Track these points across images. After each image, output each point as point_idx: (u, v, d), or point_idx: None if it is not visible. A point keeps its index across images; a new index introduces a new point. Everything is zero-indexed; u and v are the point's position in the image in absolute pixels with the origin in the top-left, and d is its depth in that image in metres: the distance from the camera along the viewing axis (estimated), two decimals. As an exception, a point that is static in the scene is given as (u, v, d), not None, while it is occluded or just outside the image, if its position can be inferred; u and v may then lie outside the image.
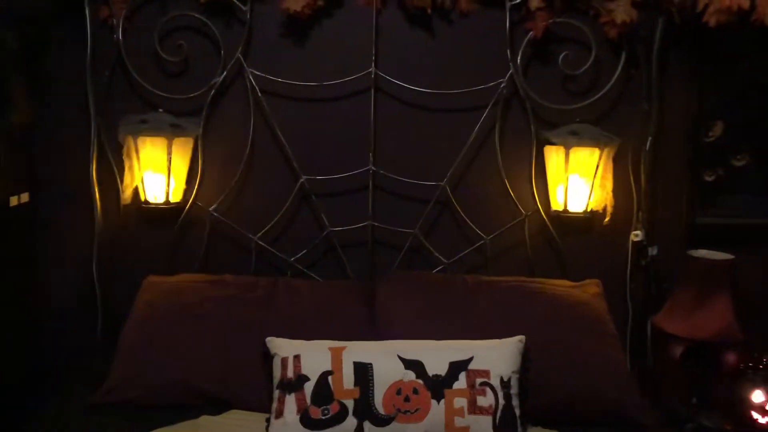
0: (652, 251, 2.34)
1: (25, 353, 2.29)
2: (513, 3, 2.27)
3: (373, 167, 2.33)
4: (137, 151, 2.28)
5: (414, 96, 2.33)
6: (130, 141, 2.28)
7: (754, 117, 2.39)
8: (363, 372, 1.74)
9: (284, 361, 1.78)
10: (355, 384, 1.73)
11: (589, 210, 2.35)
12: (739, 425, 2.23)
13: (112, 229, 2.34)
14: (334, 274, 2.38)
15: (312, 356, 1.78)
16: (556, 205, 2.37)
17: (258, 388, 1.87)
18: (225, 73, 2.29)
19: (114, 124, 2.31)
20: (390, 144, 2.35)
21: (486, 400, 1.72)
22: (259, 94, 2.30)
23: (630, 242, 2.37)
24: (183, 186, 2.34)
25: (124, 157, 2.30)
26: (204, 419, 1.83)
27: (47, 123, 2.33)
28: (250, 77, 2.29)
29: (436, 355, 1.78)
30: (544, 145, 2.37)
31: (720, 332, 2.22)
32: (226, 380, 1.90)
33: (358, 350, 1.79)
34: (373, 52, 2.29)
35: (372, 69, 2.29)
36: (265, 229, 2.35)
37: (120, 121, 2.31)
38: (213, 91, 2.30)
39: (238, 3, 2.26)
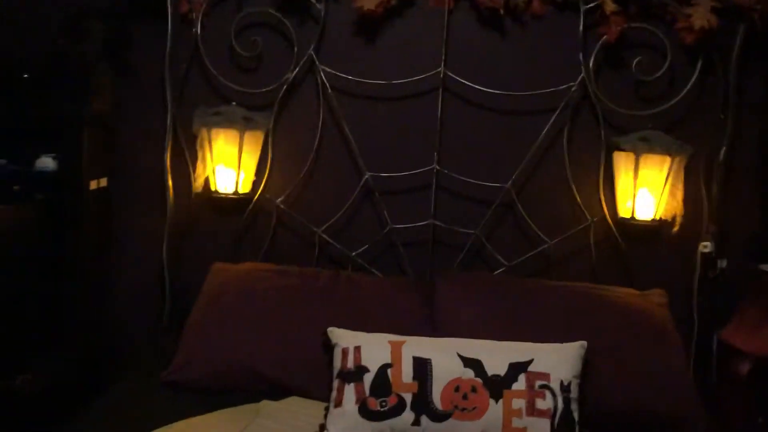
0: (722, 263, 2.28)
1: (99, 330, 2.39)
2: (587, 6, 2.25)
3: (437, 166, 2.34)
4: (210, 142, 2.35)
5: (482, 97, 2.33)
6: (204, 132, 2.36)
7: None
8: (422, 367, 1.75)
9: (345, 351, 1.81)
10: (414, 378, 1.74)
11: (657, 218, 2.30)
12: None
13: (183, 216, 2.41)
14: (393, 271, 2.40)
15: (372, 348, 1.80)
16: (624, 212, 2.34)
17: (318, 376, 1.90)
18: (297, 69, 2.34)
19: (189, 116, 2.39)
20: (455, 144, 2.36)
21: (545, 403, 1.71)
22: (330, 91, 2.34)
23: (698, 254, 2.31)
24: (252, 178, 2.40)
25: (198, 148, 2.38)
26: (264, 404, 1.87)
27: (127, 112, 2.42)
28: (322, 74, 2.34)
29: (496, 355, 1.78)
30: (613, 151, 2.34)
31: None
32: (288, 367, 1.94)
33: (417, 345, 1.81)
34: (443, 51, 2.31)
35: (441, 69, 2.30)
36: (329, 222, 2.38)
37: (194, 113, 2.39)
38: (285, 87, 2.35)
39: (312, 0, 2.31)
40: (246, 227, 2.42)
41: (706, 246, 2.26)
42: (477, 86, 2.31)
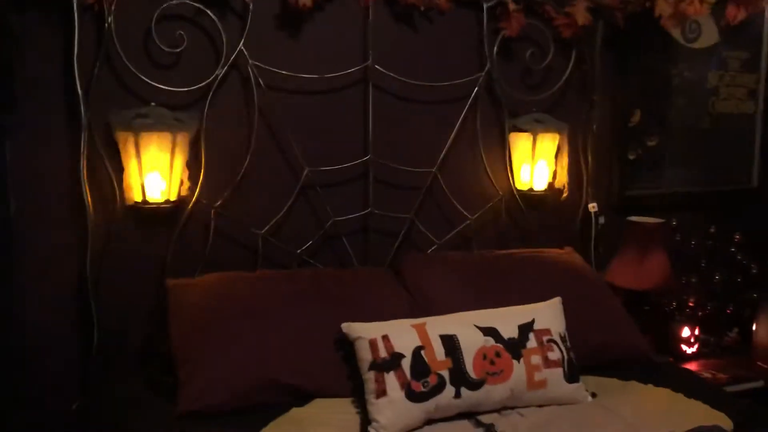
0: (601, 220, 2.76)
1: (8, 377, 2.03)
2: (489, 4, 2.51)
3: (372, 156, 2.43)
4: (138, 147, 2.13)
5: (402, 88, 2.47)
6: (128, 137, 2.12)
7: (662, 105, 2.92)
8: (451, 343, 1.88)
9: (373, 342, 1.85)
10: (446, 355, 1.86)
11: (549, 188, 2.69)
12: (673, 355, 2.74)
13: (103, 232, 2.15)
14: (335, 263, 2.44)
15: (400, 334, 1.87)
16: (521, 184, 2.68)
17: (333, 374, 1.92)
18: (227, 65, 2.23)
19: (100, 120, 2.13)
20: (383, 134, 2.46)
21: (554, 354, 1.96)
22: (262, 86, 2.27)
23: (581, 212, 2.76)
24: (182, 184, 2.23)
25: (123, 154, 2.14)
26: (295, 412, 1.83)
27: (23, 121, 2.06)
28: (253, 69, 2.26)
29: (505, 320, 1.98)
30: (510, 132, 2.65)
31: (659, 283, 2.71)
32: (306, 371, 1.90)
33: (438, 324, 1.93)
34: (367, 45, 2.39)
35: (369, 62, 2.38)
36: (272, 222, 2.33)
37: (111, 116, 2.13)
38: (215, 84, 2.22)
39: (240, -7, 2.22)
40: (179, 237, 2.25)
41: (594, 206, 2.71)
42: (401, 78, 2.44)
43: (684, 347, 2.78)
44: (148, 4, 2.14)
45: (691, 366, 2.67)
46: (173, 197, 2.20)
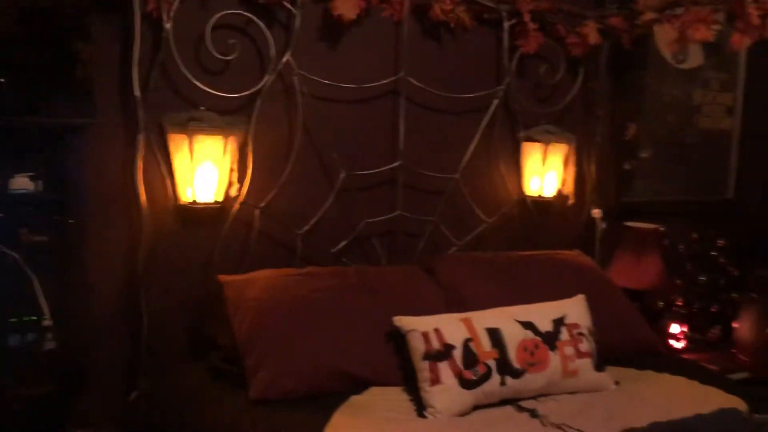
0: (602, 225, 2.98)
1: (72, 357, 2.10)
2: (510, 23, 2.70)
3: (401, 162, 2.58)
4: (191, 150, 2.22)
5: (430, 98, 2.63)
6: (183, 139, 2.22)
7: (654, 121, 3.18)
8: (496, 336, 2.05)
9: (425, 335, 2.01)
10: (492, 346, 2.04)
11: (558, 195, 2.90)
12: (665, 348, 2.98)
13: (156, 229, 2.24)
14: (366, 262, 2.58)
15: (450, 327, 2.03)
16: (532, 191, 2.88)
17: (387, 364, 2.06)
18: (275, 73, 2.35)
19: (154, 122, 2.22)
20: (411, 141, 2.62)
21: (585, 346, 2.16)
22: (305, 94, 2.40)
23: (584, 218, 2.99)
24: (231, 185, 2.33)
25: (175, 156, 2.23)
26: (355, 399, 1.96)
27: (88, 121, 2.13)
28: (297, 78, 2.38)
29: (540, 315, 2.16)
30: (522, 142, 2.85)
31: (653, 283, 2.95)
32: (364, 361, 2.04)
33: (483, 318, 2.10)
34: (401, 58, 2.55)
35: (402, 74, 2.54)
36: (311, 223, 2.46)
37: (165, 119, 2.23)
38: (263, 91, 2.34)
39: (288, 5, 2.34)
40: (226, 236, 2.35)
41: (598, 212, 2.94)
42: (429, 89, 2.60)
43: (673, 343, 3.04)
44: (203, 12, 2.25)
45: (682, 360, 2.92)
46: (221, 198, 2.31)
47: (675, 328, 3.04)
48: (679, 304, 3.09)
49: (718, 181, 3.43)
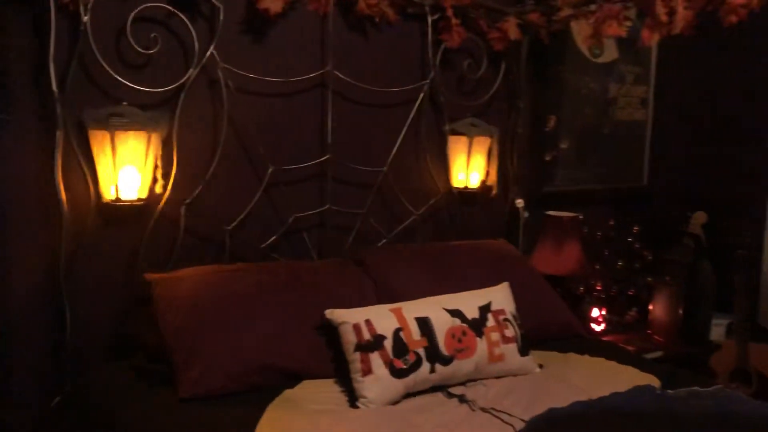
0: (525, 214, 3.08)
1: None
2: (434, 18, 2.75)
3: (329, 156, 2.60)
4: (114, 147, 2.17)
5: (357, 92, 2.66)
6: (104, 136, 2.17)
7: (572, 112, 3.30)
8: (425, 324, 2.10)
9: (356, 326, 2.04)
10: (422, 335, 2.09)
11: (481, 185, 2.98)
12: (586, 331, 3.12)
13: (81, 228, 2.19)
14: (295, 256, 2.59)
15: (380, 318, 2.07)
16: (458, 183, 2.95)
17: (319, 357, 2.09)
18: (199, 66, 2.32)
19: (73, 118, 2.16)
20: (340, 135, 2.63)
21: (510, 332, 2.24)
22: (230, 89, 2.38)
23: (508, 208, 3.08)
24: (153, 182, 2.29)
25: (97, 153, 2.18)
26: (288, 393, 1.97)
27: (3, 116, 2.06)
28: (222, 72, 2.36)
29: (467, 303, 2.23)
30: (448, 135, 2.92)
31: (574, 269, 3.08)
32: (294, 355, 2.05)
33: (412, 308, 2.14)
34: (327, 52, 2.56)
35: (329, 68, 2.55)
36: (240, 218, 2.45)
37: (84, 115, 2.17)
38: (187, 85, 2.30)
39: (212, -1, 2.31)
40: (152, 234, 2.31)
41: (520, 202, 3.03)
42: (356, 83, 2.62)
43: (594, 326, 3.18)
44: (123, 5, 2.20)
45: (602, 342, 3.06)
46: (145, 195, 2.27)
47: (595, 312, 3.19)
48: (598, 288, 3.23)
49: (634, 169, 3.59)
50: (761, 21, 2.48)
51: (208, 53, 2.32)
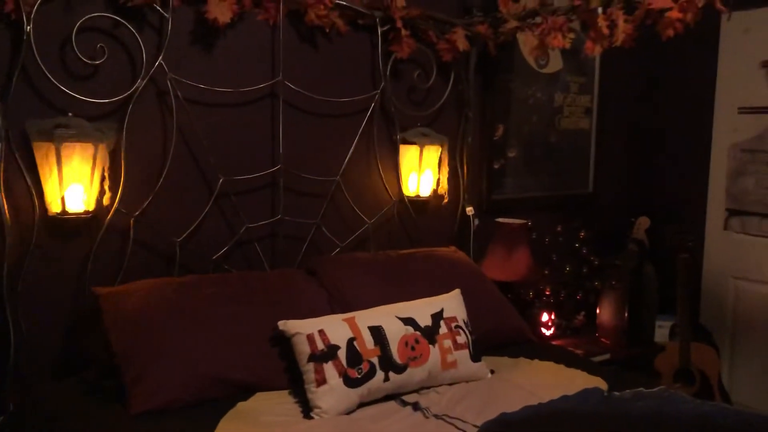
0: (475, 221, 3.13)
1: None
2: (384, 29, 2.78)
3: (281, 166, 2.59)
4: (59, 159, 2.13)
5: (308, 103, 2.66)
6: (49, 147, 2.12)
7: (520, 121, 3.37)
8: (378, 333, 2.12)
9: (310, 337, 2.04)
10: (375, 344, 2.10)
11: (432, 194, 3.02)
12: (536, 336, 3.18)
13: (25, 242, 2.13)
14: (248, 267, 2.57)
15: (334, 328, 2.08)
16: (409, 192, 2.98)
17: (272, 368, 2.08)
18: (147, 77, 2.29)
19: (16, 130, 2.11)
20: (291, 145, 2.63)
21: (462, 338, 2.27)
22: (179, 99, 2.36)
23: (459, 215, 3.12)
24: (104, 194, 2.25)
25: (42, 165, 2.13)
26: (241, 405, 1.96)
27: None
28: (171, 82, 2.34)
29: (420, 311, 2.25)
30: (399, 145, 2.95)
31: (524, 274, 3.14)
32: (248, 367, 2.04)
33: (365, 317, 2.15)
34: (278, 62, 2.56)
35: (280, 77, 2.55)
36: (189, 230, 2.42)
37: (28, 126, 2.12)
38: (135, 95, 2.28)
39: (159, 9, 2.29)
40: (100, 247, 2.27)
41: (471, 210, 3.08)
42: (307, 93, 2.63)
43: (543, 330, 3.25)
44: (67, 14, 2.17)
45: (551, 345, 3.12)
46: (92, 207, 2.23)
47: (544, 317, 3.25)
48: (547, 293, 3.30)
49: (579, 176, 3.68)
50: (696, 35, 2.58)
51: (157, 64, 2.30)
